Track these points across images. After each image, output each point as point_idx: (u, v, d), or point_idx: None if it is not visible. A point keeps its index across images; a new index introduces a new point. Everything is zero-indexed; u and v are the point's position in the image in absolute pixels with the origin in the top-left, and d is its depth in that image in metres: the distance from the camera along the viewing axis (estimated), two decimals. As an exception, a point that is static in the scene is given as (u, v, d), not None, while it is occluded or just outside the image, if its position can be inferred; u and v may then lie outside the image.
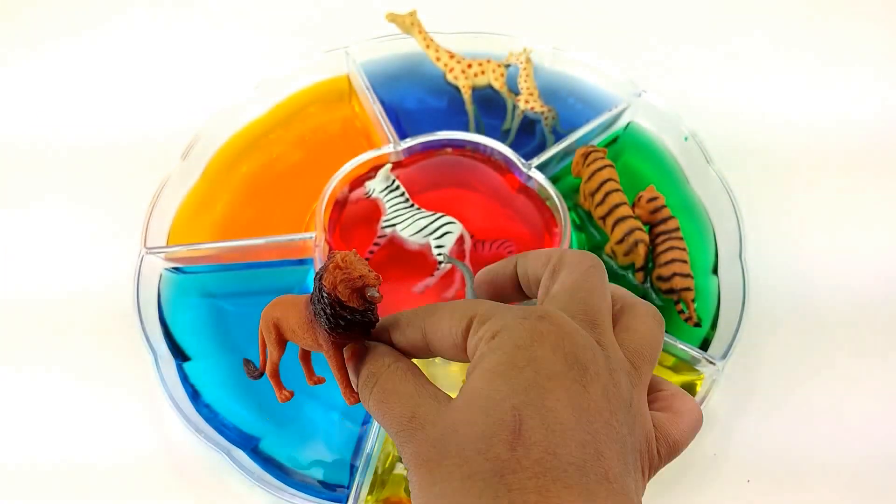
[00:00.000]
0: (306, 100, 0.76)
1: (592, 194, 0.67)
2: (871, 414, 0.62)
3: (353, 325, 0.36)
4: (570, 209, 0.68)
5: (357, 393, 0.35)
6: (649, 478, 0.30)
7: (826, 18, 0.87)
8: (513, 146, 0.71)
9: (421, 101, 0.77)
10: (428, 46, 0.74)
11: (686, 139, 0.71)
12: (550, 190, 0.68)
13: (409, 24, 0.74)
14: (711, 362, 0.60)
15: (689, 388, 0.61)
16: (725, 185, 0.68)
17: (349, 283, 0.35)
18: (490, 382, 0.28)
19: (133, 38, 0.86)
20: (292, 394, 0.40)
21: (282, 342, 0.40)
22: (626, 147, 0.74)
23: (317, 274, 0.36)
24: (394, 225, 0.66)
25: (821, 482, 0.60)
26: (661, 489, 0.59)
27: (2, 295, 0.69)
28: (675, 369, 0.62)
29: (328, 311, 0.35)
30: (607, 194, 0.66)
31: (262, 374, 0.42)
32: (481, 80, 0.75)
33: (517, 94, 0.74)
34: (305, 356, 0.40)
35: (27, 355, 0.65)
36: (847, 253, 0.71)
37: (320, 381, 0.39)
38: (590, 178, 0.67)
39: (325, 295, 0.35)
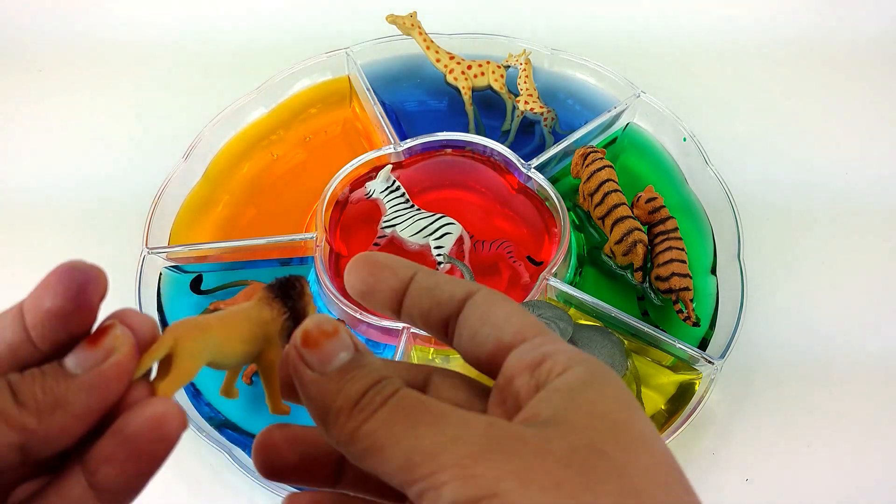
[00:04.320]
0: (307, 101, 0.77)
1: (591, 195, 0.67)
2: (869, 412, 0.63)
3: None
4: (569, 209, 0.68)
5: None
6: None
7: (824, 18, 0.87)
8: (512, 147, 0.71)
9: (421, 102, 0.77)
10: (428, 48, 0.75)
11: (685, 140, 0.71)
12: (550, 190, 0.68)
13: (409, 25, 0.74)
14: (710, 361, 0.60)
15: (688, 387, 0.61)
16: (724, 185, 0.68)
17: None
18: None
19: (135, 38, 0.86)
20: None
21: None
22: (624, 147, 0.74)
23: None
24: (394, 225, 0.66)
25: (819, 481, 0.60)
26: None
27: (3, 295, 0.69)
28: (673, 368, 0.63)
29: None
30: (606, 195, 0.66)
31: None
32: (481, 82, 0.75)
33: (516, 95, 0.75)
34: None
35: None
36: (846, 254, 0.71)
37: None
38: (589, 178, 0.67)
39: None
